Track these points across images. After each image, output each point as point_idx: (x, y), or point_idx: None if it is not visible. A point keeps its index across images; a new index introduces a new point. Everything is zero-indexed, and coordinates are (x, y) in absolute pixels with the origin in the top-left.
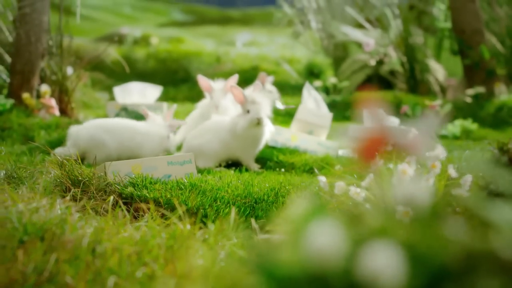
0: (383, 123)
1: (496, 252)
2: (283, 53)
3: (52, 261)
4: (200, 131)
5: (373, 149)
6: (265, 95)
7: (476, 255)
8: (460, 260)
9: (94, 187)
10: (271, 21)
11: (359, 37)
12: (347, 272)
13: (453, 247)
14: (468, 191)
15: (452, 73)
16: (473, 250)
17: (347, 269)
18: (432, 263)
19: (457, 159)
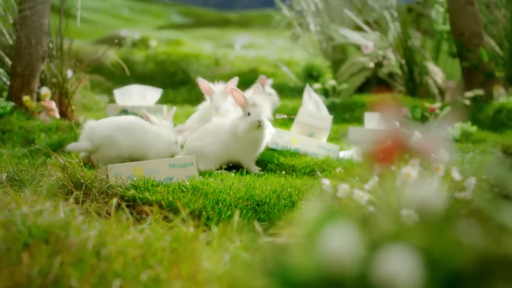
0: (399, 127)
1: (511, 256)
2: (282, 56)
3: (57, 264)
4: (200, 134)
5: (391, 152)
6: (265, 97)
7: (491, 259)
8: (475, 264)
9: (96, 189)
10: (269, 23)
11: (357, 40)
12: (362, 276)
13: (468, 251)
14: (472, 194)
15: (450, 75)
16: (488, 254)
17: (363, 273)
18: (447, 267)
19: (460, 162)
